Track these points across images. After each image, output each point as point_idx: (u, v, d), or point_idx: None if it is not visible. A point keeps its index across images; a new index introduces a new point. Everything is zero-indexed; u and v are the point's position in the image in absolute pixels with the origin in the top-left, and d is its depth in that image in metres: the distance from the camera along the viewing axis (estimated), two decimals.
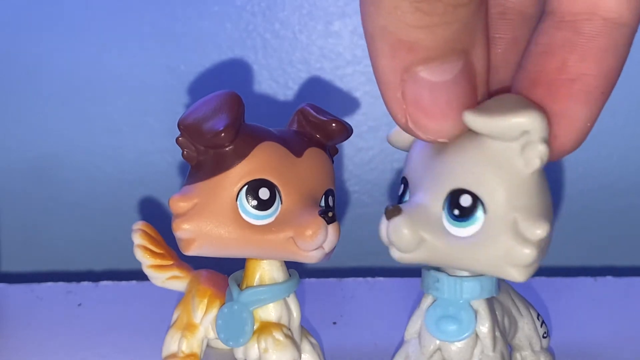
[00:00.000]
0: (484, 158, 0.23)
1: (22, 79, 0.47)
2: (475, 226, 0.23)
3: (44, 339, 0.34)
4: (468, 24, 0.21)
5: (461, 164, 0.24)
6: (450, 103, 0.22)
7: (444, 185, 0.24)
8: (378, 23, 0.21)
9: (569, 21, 0.24)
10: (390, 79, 0.22)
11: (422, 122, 0.23)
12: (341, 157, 0.48)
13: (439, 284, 0.26)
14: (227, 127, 0.26)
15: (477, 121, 0.22)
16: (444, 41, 0.21)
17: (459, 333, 0.26)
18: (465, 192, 0.23)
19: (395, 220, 0.24)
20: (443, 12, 0.21)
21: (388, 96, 0.23)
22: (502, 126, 0.23)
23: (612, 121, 0.47)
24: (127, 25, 0.46)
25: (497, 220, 0.23)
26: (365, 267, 0.48)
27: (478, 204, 0.23)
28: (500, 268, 0.24)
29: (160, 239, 0.31)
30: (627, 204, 0.49)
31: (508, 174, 0.23)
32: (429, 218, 0.24)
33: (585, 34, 0.24)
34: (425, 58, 0.21)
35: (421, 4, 0.20)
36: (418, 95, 0.22)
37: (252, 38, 0.46)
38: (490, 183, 0.23)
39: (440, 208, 0.24)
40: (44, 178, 0.48)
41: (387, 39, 0.21)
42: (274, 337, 0.28)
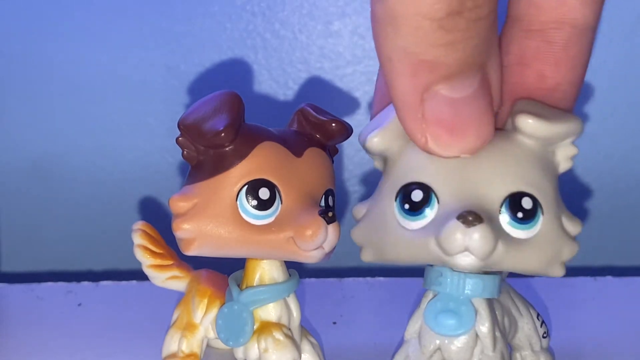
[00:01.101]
0: (531, 160, 0.24)
1: (22, 79, 0.47)
2: (536, 228, 0.24)
3: (44, 339, 0.34)
4: (486, 38, 0.21)
5: (513, 167, 0.24)
6: (472, 117, 0.22)
7: (500, 188, 0.24)
8: (397, 45, 0.21)
9: (537, 30, 0.24)
10: (411, 100, 0.22)
11: (444, 139, 0.23)
12: (341, 157, 0.48)
13: (442, 279, 0.26)
14: (227, 127, 0.26)
15: (533, 124, 0.24)
16: (465, 57, 0.21)
17: (457, 327, 0.26)
18: (525, 195, 0.24)
19: (478, 228, 0.23)
20: (465, 27, 0.20)
21: (407, 117, 0.22)
22: (558, 130, 0.24)
23: (612, 121, 0.47)
24: (127, 25, 0.46)
25: (552, 220, 0.24)
26: (365, 267, 0.48)
27: (538, 205, 0.24)
28: (551, 266, 0.24)
29: (160, 239, 0.31)
30: (627, 204, 0.49)
31: (551, 175, 0.24)
32: (494, 223, 0.24)
33: (557, 43, 0.24)
34: (446, 75, 0.21)
35: (443, 22, 0.20)
36: (440, 113, 0.22)
37: (252, 38, 0.46)
38: (543, 184, 0.24)
39: (497, 211, 0.24)
40: (44, 178, 0.48)
41: (407, 60, 0.21)
42: (274, 337, 0.28)
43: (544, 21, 0.24)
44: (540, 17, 0.24)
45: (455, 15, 0.20)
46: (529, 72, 0.24)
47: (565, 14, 0.24)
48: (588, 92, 0.46)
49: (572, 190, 0.48)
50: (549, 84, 0.24)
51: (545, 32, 0.24)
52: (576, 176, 0.48)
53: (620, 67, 0.46)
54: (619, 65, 0.46)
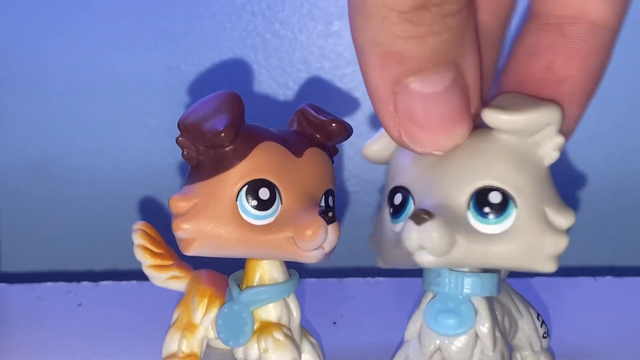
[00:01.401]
0: (504, 154, 0.24)
1: (22, 79, 0.47)
2: (508, 222, 0.24)
3: (44, 339, 0.34)
4: (458, 34, 0.21)
5: (482, 162, 0.24)
6: (443, 114, 0.22)
7: (466, 185, 0.24)
8: (367, 35, 0.21)
9: (554, 24, 0.24)
10: (382, 92, 0.22)
11: (416, 135, 0.23)
12: (341, 157, 0.48)
13: (440, 279, 0.26)
14: (227, 127, 0.26)
15: (501, 118, 0.23)
16: (434, 52, 0.21)
17: (457, 327, 0.26)
18: (493, 190, 0.23)
19: (429, 224, 0.23)
20: (432, 22, 0.20)
21: (380, 110, 0.22)
22: (529, 121, 0.23)
23: (612, 121, 0.47)
24: (127, 25, 0.46)
25: (528, 213, 0.24)
26: (365, 267, 0.48)
27: (509, 199, 0.23)
28: (534, 261, 0.24)
29: (160, 239, 0.31)
30: (627, 204, 0.49)
31: (530, 168, 0.24)
32: (456, 220, 0.23)
33: (571, 36, 0.24)
34: (415, 69, 0.21)
35: (409, 15, 0.20)
36: (410, 107, 0.22)
37: (252, 38, 0.46)
38: (516, 177, 0.23)
39: (465, 208, 0.24)
40: (44, 178, 0.48)
41: (376, 51, 0.21)
42: (274, 337, 0.28)
43: (560, 15, 0.24)
44: (557, 12, 0.24)
45: (421, 9, 0.20)
46: (539, 62, 0.24)
47: (583, 9, 0.24)
48: None
49: (572, 191, 0.48)
50: (556, 75, 0.24)
51: (560, 25, 0.24)
52: (576, 176, 0.48)
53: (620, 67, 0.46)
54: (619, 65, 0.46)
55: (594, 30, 0.24)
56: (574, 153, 0.47)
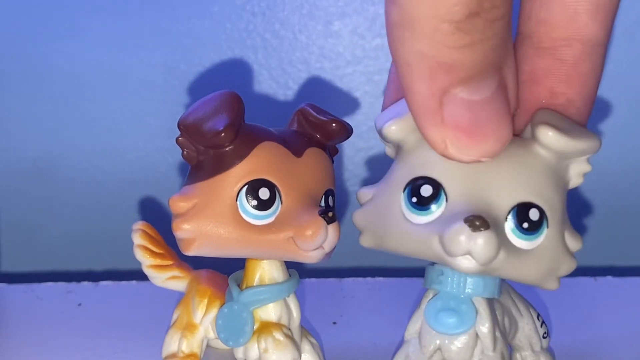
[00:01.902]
0: (545, 172, 0.24)
1: (22, 79, 0.47)
2: (539, 240, 0.24)
3: (44, 339, 0.34)
4: (503, 38, 0.21)
5: (526, 176, 0.24)
6: (491, 120, 0.22)
7: (509, 197, 0.24)
8: (414, 48, 0.21)
9: (548, 47, 0.24)
10: (429, 103, 0.22)
11: (464, 143, 0.22)
12: (341, 157, 0.48)
13: (443, 277, 0.26)
14: (227, 127, 0.26)
15: (554, 138, 0.23)
16: (483, 58, 0.21)
17: (457, 326, 0.26)
18: (533, 206, 0.24)
19: (484, 234, 0.23)
20: (483, 28, 0.20)
21: (426, 122, 0.22)
22: (578, 147, 0.24)
23: (612, 121, 0.47)
24: (127, 25, 0.46)
25: (555, 234, 0.24)
26: (365, 267, 0.48)
27: (544, 218, 0.24)
28: (547, 279, 0.25)
29: (160, 239, 0.31)
30: (627, 204, 0.49)
31: (561, 189, 0.24)
32: (497, 229, 0.24)
33: (568, 60, 0.24)
34: (464, 78, 0.21)
35: (461, 24, 0.20)
36: (459, 117, 0.22)
37: (252, 38, 0.46)
38: (552, 197, 0.24)
39: (504, 219, 0.24)
40: (44, 178, 0.48)
41: (425, 63, 0.21)
42: (274, 337, 0.28)
43: (554, 38, 0.24)
44: (550, 35, 0.24)
45: (474, 16, 0.20)
46: (541, 89, 0.24)
47: (575, 31, 0.24)
48: None
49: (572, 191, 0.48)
50: (561, 100, 0.24)
51: (555, 49, 0.24)
52: None
53: (620, 67, 0.46)
54: (619, 66, 0.46)
55: (589, 51, 0.24)
56: None
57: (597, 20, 0.24)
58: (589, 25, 0.24)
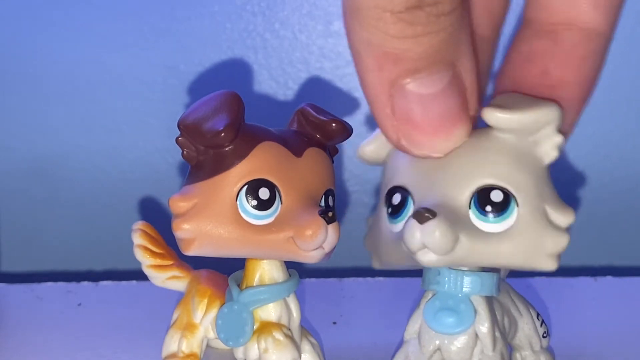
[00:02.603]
0: (504, 153, 0.24)
1: (22, 79, 0.47)
2: (510, 220, 0.24)
3: (44, 339, 0.34)
4: (452, 34, 0.21)
5: (482, 161, 0.24)
6: (442, 116, 0.22)
7: (467, 184, 0.24)
8: (362, 37, 0.21)
9: (548, 30, 0.24)
10: (379, 94, 0.22)
11: (414, 137, 0.22)
12: (341, 157, 0.48)
13: (440, 277, 0.26)
14: (227, 127, 0.26)
15: (502, 117, 0.23)
16: (430, 51, 0.21)
17: (456, 325, 0.26)
18: (494, 188, 0.24)
19: (432, 222, 0.23)
20: (426, 21, 0.20)
21: (378, 112, 0.22)
22: (529, 119, 0.23)
23: (612, 121, 0.47)
24: (127, 25, 0.46)
25: (529, 211, 0.24)
26: (365, 267, 0.48)
27: (510, 198, 0.24)
28: (535, 259, 0.24)
29: (160, 239, 0.31)
30: (627, 204, 0.49)
31: (530, 166, 0.24)
32: (458, 219, 0.24)
33: (565, 43, 0.24)
34: (412, 69, 0.21)
35: (404, 15, 0.20)
36: (408, 109, 0.22)
37: (252, 38, 0.46)
38: (516, 176, 0.24)
39: (467, 207, 0.24)
40: (44, 178, 0.48)
41: (372, 52, 0.21)
42: (274, 337, 0.28)
43: (555, 22, 0.24)
44: (552, 19, 0.24)
45: (415, 8, 0.20)
46: (533, 68, 0.25)
47: (576, 16, 0.24)
48: None
49: (572, 191, 0.48)
50: (551, 81, 0.24)
51: (554, 32, 0.24)
52: (576, 176, 0.48)
53: (620, 67, 0.46)
54: (619, 65, 0.46)
55: (587, 37, 0.24)
56: (574, 153, 0.47)
57: (599, 10, 0.24)
58: (589, 13, 0.24)
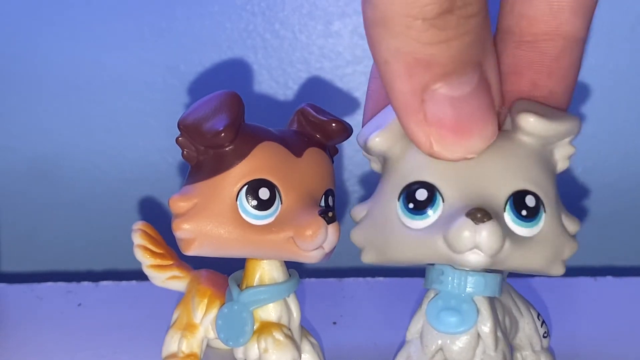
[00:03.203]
0: (533, 159, 0.24)
1: (22, 79, 0.47)
2: (539, 225, 0.24)
3: (44, 339, 0.34)
4: (479, 35, 0.21)
5: (516, 165, 0.24)
6: (474, 116, 0.22)
7: (504, 187, 0.24)
8: (390, 45, 0.21)
9: (529, 41, 0.25)
10: (410, 101, 0.22)
11: (449, 141, 0.22)
12: (341, 157, 0.48)
13: (443, 277, 0.26)
14: (227, 127, 0.26)
15: (538, 123, 0.24)
16: (460, 54, 0.21)
17: (459, 325, 0.26)
18: (528, 193, 0.24)
19: (488, 224, 0.23)
20: (456, 24, 0.20)
21: (409, 120, 0.22)
22: (560, 128, 0.24)
23: (612, 121, 0.47)
24: (127, 25, 0.46)
25: (553, 218, 0.25)
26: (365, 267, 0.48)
27: (540, 203, 0.24)
28: (553, 264, 0.25)
29: (160, 239, 0.31)
30: (627, 204, 0.49)
31: (551, 174, 0.25)
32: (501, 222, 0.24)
33: (549, 54, 0.24)
34: (443, 74, 0.21)
35: (435, 20, 0.20)
36: (441, 113, 0.22)
37: (252, 38, 0.46)
38: (544, 182, 0.24)
39: (502, 210, 0.24)
40: (44, 178, 0.48)
41: (402, 60, 0.21)
42: (274, 337, 0.28)
43: (536, 33, 0.24)
44: (532, 29, 0.24)
45: (447, 13, 0.20)
46: (523, 81, 0.25)
47: (558, 26, 0.24)
48: (588, 92, 0.46)
49: (572, 190, 0.48)
50: (542, 92, 0.25)
51: (537, 43, 0.24)
52: (576, 176, 0.48)
53: (620, 67, 0.46)
54: (619, 66, 0.46)
55: (570, 47, 0.24)
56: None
57: (579, 17, 0.24)
58: (570, 21, 0.24)
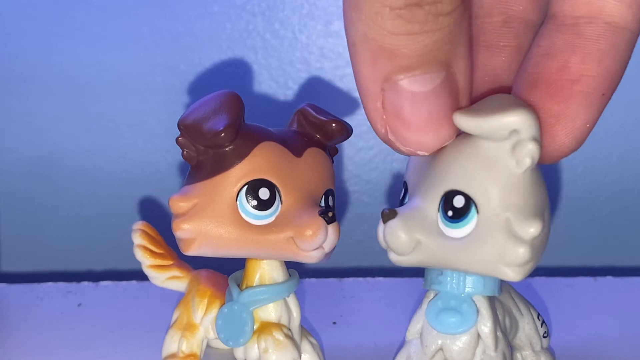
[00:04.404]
0: (475, 159, 0.23)
1: (22, 79, 0.47)
2: (469, 226, 0.24)
3: (44, 339, 0.34)
4: (450, 35, 0.21)
5: (454, 165, 0.24)
6: (431, 115, 0.22)
7: (438, 187, 0.24)
8: (359, 30, 0.21)
9: (570, 24, 0.24)
10: (371, 87, 0.22)
11: (401, 133, 0.22)
12: (341, 157, 0.48)
13: (442, 277, 0.26)
14: (227, 127, 0.26)
15: (467, 121, 0.23)
16: (426, 50, 0.21)
17: (459, 325, 0.26)
18: (458, 193, 0.24)
19: (390, 223, 0.24)
20: (424, 20, 0.20)
21: (368, 105, 0.22)
22: (491, 125, 0.23)
23: (612, 121, 0.47)
24: (127, 25, 0.46)
25: (490, 219, 0.23)
26: (365, 267, 0.48)
27: (471, 204, 0.23)
28: (495, 268, 0.24)
29: (160, 239, 0.31)
30: (627, 204, 0.49)
31: (500, 174, 0.23)
32: (425, 220, 0.24)
33: (587, 36, 0.24)
34: (406, 67, 0.21)
35: (402, 11, 0.20)
36: (398, 105, 0.22)
37: (252, 38, 0.46)
38: (482, 183, 0.23)
39: (436, 210, 0.24)
40: (44, 178, 0.48)
41: (368, 46, 0.21)
42: (274, 337, 0.28)
43: (578, 16, 0.24)
44: (574, 12, 0.24)
45: (414, 6, 0.20)
46: (553, 61, 0.24)
47: (599, 9, 0.23)
48: None
49: (572, 190, 0.48)
50: (571, 75, 0.24)
51: (577, 26, 0.24)
52: (576, 176, 0.48)
53: None
54: None
55: (611, 31, 0.23)
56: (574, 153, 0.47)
57: (623, 1, 0.23)
58: (615, 7, 0.23)
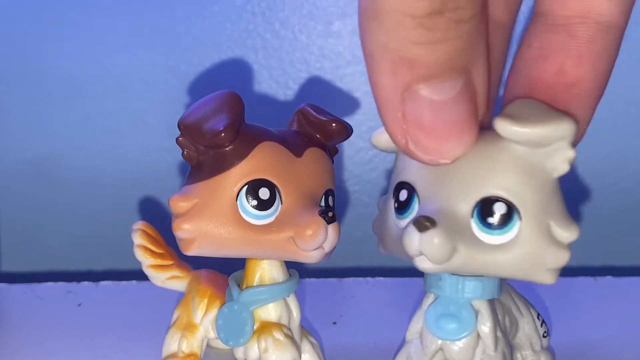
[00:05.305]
0: (512, 164, 0.23)
1: (22, 79, 0.47)
2: (511, 233, 0.23)
3: (44, 339, 0.34)
4: (470, 41, 0.21)
5: (489, 171, 0.23)
6: (452, 122, 0.22)
7: (472, 193, 0.23)
8: (378, 40, 0.21)
9: (562, 24, 0.24)
10: (391, 97, 0.22)
11: (423, 142, 0.22)
12: (341, 157, 0.48)
13: (441, 282, 0.26)
14: (227, 127, 0.26)
15: (512, 130, 0.22)
16: (446, 58, 0.21)
17: (458, 331, 0.26)
18: (498, 200, 0.23)
19: (431, 232, 0.23)
20: (446, 27, 0.20)
21: (388, 116, 0.22)
22: (543, 134, 0.23)
23: (612, 121, 0.47)
24: (127, 26, 0.46)
25: (532, 226, 0.23)
26: (365, 267, 0.48)
27: (513, 211, 0.23)
28: (534, 272, 0.24)
29: (160, 239, 0.31)
30: (627, 204, 0.49)
31: (538, 179, 0.23)
32: (459, 228, 0.23)
33: (580, 37, 0.24)
34: (426, 75, 0.21)
35: (424, 20, 0.20)
36: (419, 114, 0.22)
37: (252, 38, 0.46)
38: (522, 189, 0.23)
39: (469, 216, 0.23)
40: (44, 178, 0.48)
41: (388, 56, 0.21)
42: (274, 337, 0.28)
43: (569, 16, 0.24)
44: (566, 12, 0.24)
45: (437, 14, 0.20)
46: (549, 66, 0.24)
47: (591, 9, 0.23)
48: None
49: (572, 190, 0.48)
50: (568, 79, 0.24)
51: (569, 26, 0.24)
52: (576, 176, 0.48)
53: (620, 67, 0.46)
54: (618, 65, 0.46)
55: (603, 31, 0.23)
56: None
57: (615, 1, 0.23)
58: (604, 4, 0.23)
